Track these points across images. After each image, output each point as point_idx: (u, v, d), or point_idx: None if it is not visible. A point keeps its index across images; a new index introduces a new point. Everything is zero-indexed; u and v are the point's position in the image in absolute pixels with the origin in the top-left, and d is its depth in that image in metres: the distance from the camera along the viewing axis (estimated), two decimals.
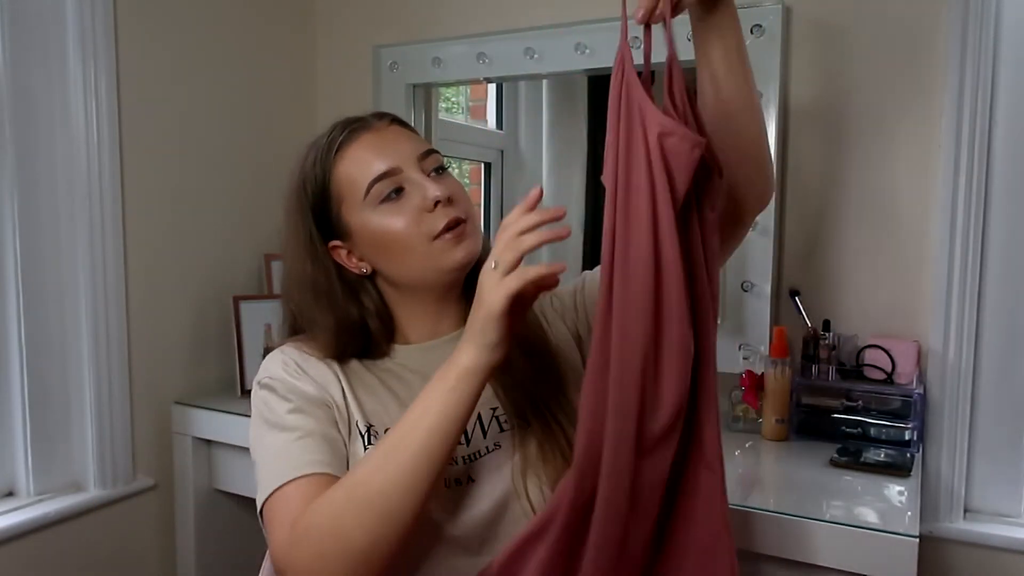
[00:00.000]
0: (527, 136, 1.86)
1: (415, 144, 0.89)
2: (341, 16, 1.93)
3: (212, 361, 1.73)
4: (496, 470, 0.85)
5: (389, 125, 0.90)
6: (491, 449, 0.87)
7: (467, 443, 0.87)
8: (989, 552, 1.33)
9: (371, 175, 0.86)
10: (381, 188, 0.85)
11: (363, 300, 0.91)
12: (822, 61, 1.45)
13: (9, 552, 1.36)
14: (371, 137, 0.88)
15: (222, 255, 1.75)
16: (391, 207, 0.85)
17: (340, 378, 0.87)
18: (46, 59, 1.40)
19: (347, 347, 0.90)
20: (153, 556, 1.64)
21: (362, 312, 0.90)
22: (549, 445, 0.85)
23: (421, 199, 0.85)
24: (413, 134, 0.92)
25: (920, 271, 1.40)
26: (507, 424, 0.89)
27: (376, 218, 0.86)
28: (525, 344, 0.90)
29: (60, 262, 1.44)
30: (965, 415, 1.35)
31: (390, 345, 0.93)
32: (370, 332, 0.91)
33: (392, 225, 0.85)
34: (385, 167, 0.86)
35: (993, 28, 1.30)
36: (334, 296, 0.90)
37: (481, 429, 0.88)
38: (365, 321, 0.90)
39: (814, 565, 1.05)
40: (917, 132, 1.39)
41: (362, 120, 0.90)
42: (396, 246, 0.86)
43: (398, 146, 0.88)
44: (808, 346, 1.42)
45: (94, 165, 1.45)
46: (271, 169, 1.85)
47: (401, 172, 0.86)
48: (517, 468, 0.85)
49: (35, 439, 1.43)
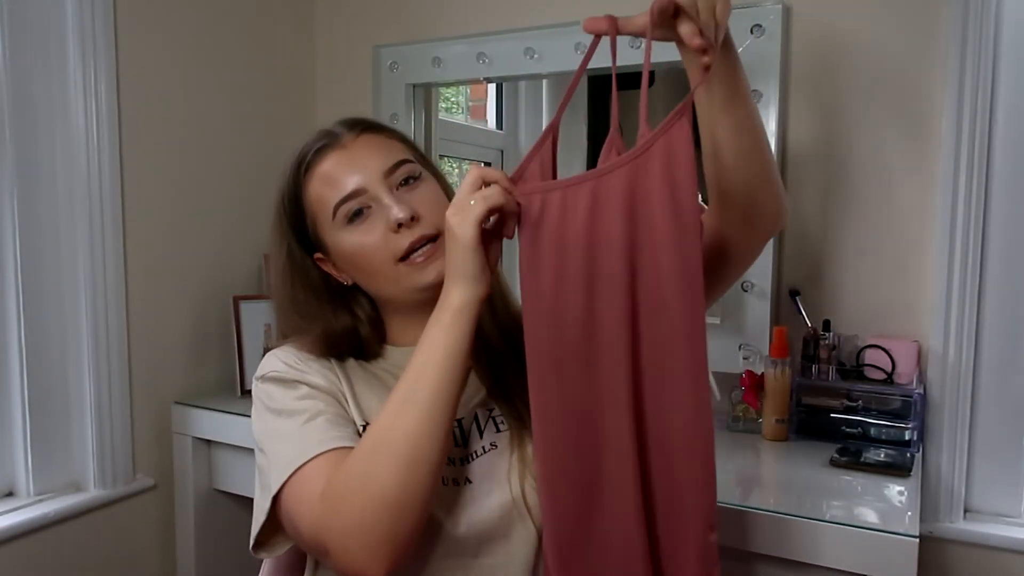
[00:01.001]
0: (527, 136, 1.86)
1: (383, 157, 0.87)
2: (341, 16, 1.93)
3: (212, 361, 1.73)
4: (493, 471, 0.85)
5: (358, 137, 0.88)
6: (487, 450, 0.86)
7: (464, 443, 0.86)
8: (989, 552, 1.33)
9: (336, 197, 0.85)
10: (346, 209, 0.84)
11: (355, 309, 0.91)
12: (822, 60, 1.45)
13: (9, 552, 1.36)
14: (338, 155, 0.87)
15: (222, 255, 1.75)
16: (357, 228, 0.85)
17: (340, 377, 0.87)
18: (46, 59, 1.40)
19: (340, 351, 0.90)
20: (153, 556, 1.64)
21: (354, 321, 0.90)
22: None
23: (384, 220, 0.84)
24: (385, 142, 0.89)
25: (920, 271, 1.40)
26: (503, 425, 0.88)
27: (346, 238, 0.85)
28: (511, 333, 0.90)
29: (60, 262, 1.44)
30: (965, 415, 1.35)
31: (382, 346, 0.93)
32: (361, 338, 0.90)
33: (360, 247, 0.85)
34: (350, 187, 0.84)
35: (993, 27, 1.29)
36: (323, 305, 0.89)
37: (477, 430, 0.88)
38: (356, 328, 0.90)
39: (814, 565, 1.05)
40: (917, 131, 1.39)
41: (331, 135, 0.88)
42: (366, 267, 0.86)
43: (365, 162, 0.86)
44: (808, 346, 1.42)
45: (94, 165, 1.45)
46: (271, 169, 1.83)
47: (366, 192, 0.84)
48: (514, 469, 0.85)
49: (35, 439, 1.43)
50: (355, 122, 0.90)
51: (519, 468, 0.85)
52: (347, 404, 0.86)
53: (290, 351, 0.89)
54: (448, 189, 0.92)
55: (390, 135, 0.91)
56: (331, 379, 0.87)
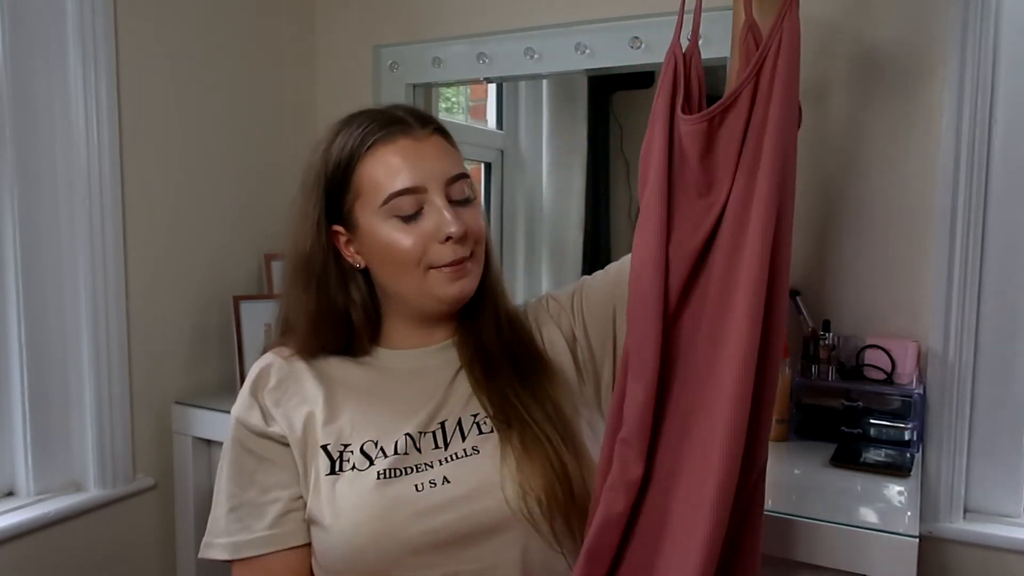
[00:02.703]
0: (527, 136, 1.86)
1: (449, 164, 0.86)
2: (341, 16, 1.93)
3: (212, 361, 1.73)
4: (474, 474, 0.84)
5: (431, 135, 0.87)
6: (469, 453, 0.85)
7: (445, 446, 0.85)
8: (989, 552, 1.33)
9: (395, 187, 0.83)
10: (400, 203, 0.83)
11: (351, 290, 0.90)
12: (822, 60, 1.45)
13: (9, 552, 1.36)
14: (408, 144, 0.85)
15: (222, 255, 1.75)
16: (403, 224, 0.84)
17: (319, 389, 0.88)
18: (46, 59, 1.40)
19: (326, 341, 0.90)
20: (153, 556, 1.64)
21: (347, 302, 0.89)
22: (531, 451, 0.84)
23: (435, 227, 0.83)
24: (451, 149, 0.89)
25: (920, 271, 1.40)
26: (487, 428, 0.87)
27: (386, 229, 0.85)
28: (511, 349, 0.90)
29: (60, 262, 1.44)
30: (965, 415, 1.35)
31: (372, 345, 0.92)
32: (352, 326, 0.90)
33: (398, 242, 0.84)
34: (412, 183, 0.83)
35: (993, 28, 1.29)
36: (324, 279, 0.89)
37: (460, 434, 0.87)
38: (348, 312, 0.90)
39: (814, 565, 1.05)
40: (917, 131, 1.39)
41: (404, 122, 0.86)
42: (395, 262, 0.85)
43: (432, 163, 0.85)
44: (808, 346, 1.42)
45: (94, 165, 1.45)
46: (271, 169, 1.85)
47: (425, 192, 0.84)
48: (497, 472, 0.84)
49: (35, 439, 1.42)
50: (427, 118, 0.89)
51: (501, 472, 0.83)
52: (313, 429, 0.87)
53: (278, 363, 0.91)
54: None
55: (455, 145, 0.90)
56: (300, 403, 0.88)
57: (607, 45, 1.54)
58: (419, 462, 0.84)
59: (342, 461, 0.85)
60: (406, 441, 0.86)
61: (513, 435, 0.85)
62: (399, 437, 0.86)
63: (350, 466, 0.85)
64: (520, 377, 0.89)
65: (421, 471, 0.84)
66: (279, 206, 1.79)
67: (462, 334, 0.94)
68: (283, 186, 1.89)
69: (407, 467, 0.84)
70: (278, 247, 1.84)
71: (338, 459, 0.85)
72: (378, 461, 0.84)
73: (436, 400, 0.89)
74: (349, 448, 0.85)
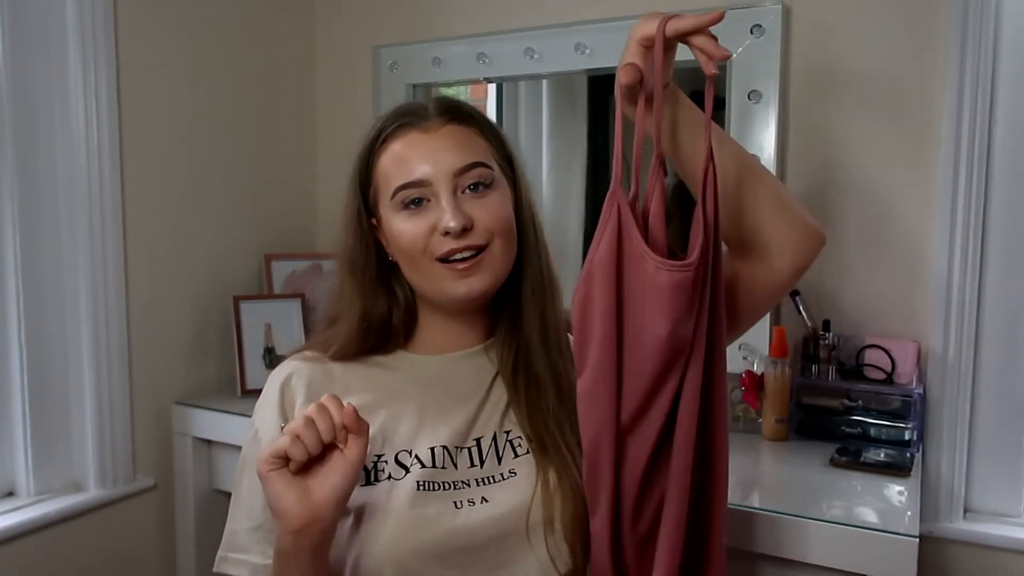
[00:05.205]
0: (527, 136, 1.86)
1: (460, 154, 0.84)
2: (341, 16, 1.93)
3: (212, 361, 1.73)
4: (511, 497, 0.83)
5: (443, 126, 0.85)
6: (506, 476, 0.84)
7: (481, 464, 0.85)
8: (989, 552, 1.33)
9: (401, 180, 0.84)
10: (406, 195, 0.84)
11: (395, 288, 0.91)
12: (822, 61, 1.45)
13: (9, 552, 1.36)
14: (416, 138, 0.85)
15: (222, 255, 1.75)
16: (409, 215, 0.84)
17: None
18: (46, 59, 1.40)
19: (365, 343, 0.90)
20: (153, 556, 1.64)
21: (390, 303, 0.90)
22: (564, 479, 0.83)
23: (436, 220, 0.83)
24: (469, 137, 0.86)
25: (920, 271, 1.40)
26: (521, 450, 0.86)
27: (396, 220, 0.85)
28: (556, 368, 0.88)
29: (60, 262, 1.44)
30: (965, 415, 1.35)
31: (402, 350, 0.92)
32: (391, 327, 0.90)
33: (404, 233, 0.85)
34: (416, 176, 0.83)
35: (993, 28, 1.29)
36: (368, 275, 0.89)
37: (496, 455, 0.86)
38: (391, 311, 0.90)
39: (814, 565, 1.05)
40: (917, 131, 1.39)
41: (418, 114, 0.86)
42: (405, 253, 0.86)
43: (440, 155, 0.84)
44: (808, 346, 1.42)
45: (94, 165, 1.45)
46: (271, 169, 1.85)
47: (430, 185, 0.83)
48: (532, 500, 0.82)
49: (35, 439, 1.43)
50: (447, 108, 0.88)
51: (539, 500, 0.82)
52: None
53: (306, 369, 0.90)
54: (523, 193, 0.91)
55: (479, 130, 0.88)
56: None
57: (607, 45, 1.55)
58: (456, 479, 0.83)
59: (376, 471, 0.84)
60: (443, 454, 0.84)
61: (548, 464, 0.84)
62: (434, 446, 0.84)
63: (385, 476, 0.84)
64: (561, 399, 0.87)
65: (459, 488, 0.83)
66: (279, 206, 1.79)
67: (501, 339, 0.91)
68: (283, 186, 1.89)
69: (445, 482, 0.83)
70: (278, 247, 1.85)
71: (372, 469, 0.84)
72: (414, 469, 0.83)
73: (469, 412, 0.88)
74: (383, 459, 0.85)
